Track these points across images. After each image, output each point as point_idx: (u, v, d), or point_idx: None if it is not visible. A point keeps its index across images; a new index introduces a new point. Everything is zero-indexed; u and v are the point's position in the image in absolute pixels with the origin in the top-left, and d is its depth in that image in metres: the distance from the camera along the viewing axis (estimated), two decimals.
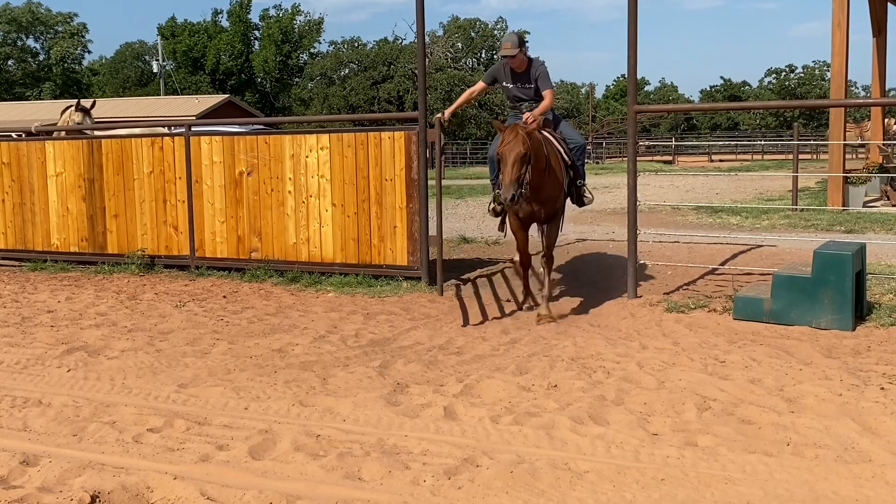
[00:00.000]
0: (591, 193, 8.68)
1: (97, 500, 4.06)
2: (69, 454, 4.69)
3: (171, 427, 5.14)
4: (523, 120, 7.97)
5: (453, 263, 10.74)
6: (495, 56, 72.71)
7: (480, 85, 9.03)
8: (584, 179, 8.59)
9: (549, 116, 8.52)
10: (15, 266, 11.93)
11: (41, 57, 71.25)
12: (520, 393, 5.60)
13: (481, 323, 7.93)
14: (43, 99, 59.43)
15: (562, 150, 8.22)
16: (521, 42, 8.42)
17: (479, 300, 8.93)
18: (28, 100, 59.54)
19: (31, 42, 70.92)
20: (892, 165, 18.55)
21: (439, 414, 5.20)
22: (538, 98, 8.38)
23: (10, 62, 69.65)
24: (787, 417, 4.96)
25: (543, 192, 7.75)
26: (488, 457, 4.49)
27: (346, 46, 67.26)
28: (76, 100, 14.30)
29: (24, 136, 13.26)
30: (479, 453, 4.55)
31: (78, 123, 13.13)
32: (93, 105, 13.90)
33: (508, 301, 8.85)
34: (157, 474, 4.33)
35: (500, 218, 8.91)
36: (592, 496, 4.01)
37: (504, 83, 8.60)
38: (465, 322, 7.93)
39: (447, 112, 9.18)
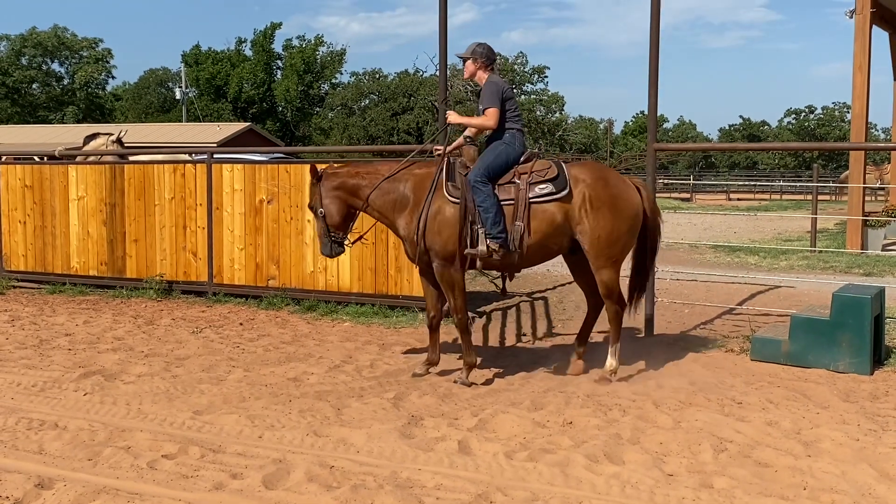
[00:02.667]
0: (482, 245, 6.75)
1: None
2: (84, 478, 4.71)
3: (185, 454, 5.15)
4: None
5: (469, 296, 10.71)
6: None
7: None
8: (485, 226, 6.71)
9: (475, 140, 7.28)
10: (34, 288, 12.01)
11: (65, 81, 72.02)
12: (535, 429, 5.58)
13: (496, 357, 7.91)
14: (66, 123, 60.03)
15: (450, 191, 6.86)
16: (482, 55, 7.10)
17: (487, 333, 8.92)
18: (51, 123, 60.19)
19: (55, 66, 71.76)
20: None
21: (453, 448, 5.18)
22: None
23: (34, 86, 70.44)
24: (804, 461, 4.92)
25: (406, 238, 7.05)
26: (502, 493, 4.48)
27: (367, 77, 67.76)
28: (105, 128, 14.59)
29: (46, 159, 13.41)
30: (492, 489, 4.53)
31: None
32: (125, 133, 14.20)
33: (524, 335, 8.82)
34: (170, 501, 4.35)
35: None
36: None
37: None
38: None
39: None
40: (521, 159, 6.96)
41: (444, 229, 6.83)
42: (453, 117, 7.25)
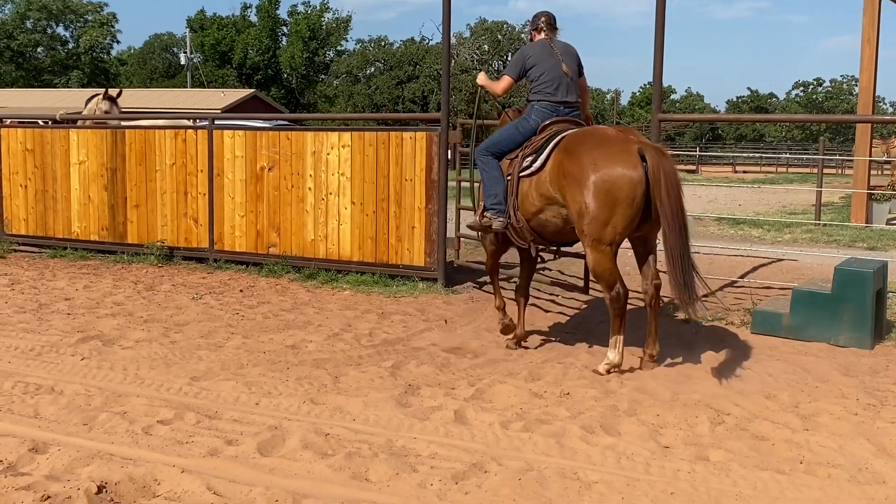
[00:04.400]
0: (477, 215, 7.04)
1: (104, 490, 4.06)
2: (79, 443, 4.70)
3: (181, 420, 5.14)
4: None
5: (471, 267, 10.67)
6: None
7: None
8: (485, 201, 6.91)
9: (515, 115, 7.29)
10: (35, 252, 12.00)
11: (70, 45, 71.68)
12: (531, 399, 5.56)
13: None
14: (70, 87, 59.83)
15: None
16: (531, 21, 7.21)
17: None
18: (56, 87, 59.99)
19: (60, 30, 71.37)
20: None
21: (449, 417, 5.17)
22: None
23: (39, 49, 70.14)
24: (802, 435, 4.90)
25: None
26: (497, 463, 4.46)
27: (372, 45, 67.47)
28: (103, 89, 14.31)
29: (49, 123, 13.32)
30: (487, 459, 4.51)
31: (105, 112, 13.15)
32: (119, 94, 13.92)
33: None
34: (164, 467, 4.33)
35: None
36: None
37: None
38: None
39: None
40: (542, 127, 6.69)
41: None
42: (480, 77, 7.32)
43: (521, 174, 6.56)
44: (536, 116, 6.76)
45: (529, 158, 6.53)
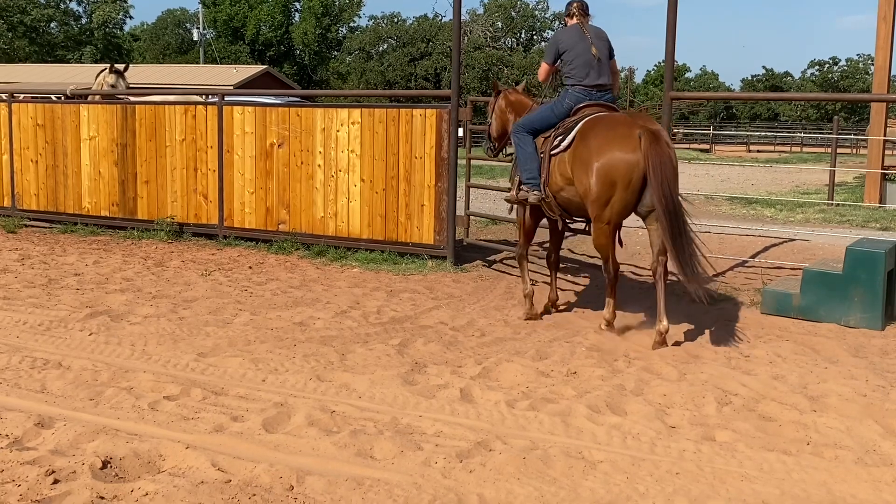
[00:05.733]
0: (514, 188, 7.37)
1: (109, 465, 4.06)
2: (84, 418, 4.71)
3: (187, 396, 5.15)
4: None
5: (480, 245, 10.65)
6: (534, 36, 72.39)
7: None
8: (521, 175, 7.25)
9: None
10: (46, 228, 12.03)
11: (83, 21, 71.52)
12: (538, 378, 5.55)
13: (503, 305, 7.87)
14: (83, 63, 59.76)
15: None
16: (565, 6, 7.38)
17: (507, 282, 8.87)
18: (69, 63, 59.92)
19: (73, 5, 71.20)
20: None
21: (455, 396, 5.16)
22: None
23: (52, 25, 70.01)
24: (809, 416, 4.87)
25: None
26: (502, 441, 4.45)
27: (385, 21, 67.19)
28: (109, 63, 14.25)
29: (62, 98, 13.31)
30: (492, 437, 4.51)
31: (111, 86, 13.12)
32: (126, 68, 13.88)
33: (534, 283, 8.75)
34: (169, 442, 4.34)
35: None
36: (604, 486, 3.96)
37: None
38: None
39: None
40: (574, 110, 6.93)
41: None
42: None
43: (551, 153, 6.88)
44: (570, 100, 7.01)
45: (559, 139, 6.83)
